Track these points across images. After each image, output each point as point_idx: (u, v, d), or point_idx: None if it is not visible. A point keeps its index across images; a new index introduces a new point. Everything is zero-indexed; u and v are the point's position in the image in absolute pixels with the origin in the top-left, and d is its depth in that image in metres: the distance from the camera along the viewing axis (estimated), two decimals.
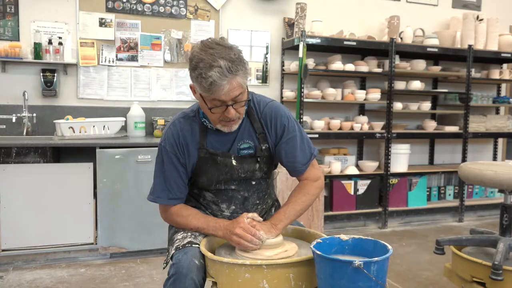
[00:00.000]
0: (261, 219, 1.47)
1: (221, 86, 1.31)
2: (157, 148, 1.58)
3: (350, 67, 3.81)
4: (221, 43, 1.36)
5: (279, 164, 1.69)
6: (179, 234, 1.54)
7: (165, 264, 1.53)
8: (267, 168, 1.61)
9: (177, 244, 1.48)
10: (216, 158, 1.52)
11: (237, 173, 1.54)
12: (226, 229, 1.44)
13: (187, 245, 1.45)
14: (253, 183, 1.60)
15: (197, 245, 1.46)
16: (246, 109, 1.53)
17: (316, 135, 3.69)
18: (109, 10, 3.50)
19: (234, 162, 1.53)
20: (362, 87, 4.25)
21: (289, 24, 3.92)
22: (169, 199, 1.53)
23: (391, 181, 4.05)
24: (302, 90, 3.60)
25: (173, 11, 3.67)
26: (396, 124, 4.12)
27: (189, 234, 1.53)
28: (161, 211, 1.60)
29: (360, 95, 3.90)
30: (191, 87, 1.44)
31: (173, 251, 1.46)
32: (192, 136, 1.52)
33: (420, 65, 4.10)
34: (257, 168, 1.56)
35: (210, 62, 1.30)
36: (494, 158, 4.92)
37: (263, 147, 1.55)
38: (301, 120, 3.62)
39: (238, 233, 1.39)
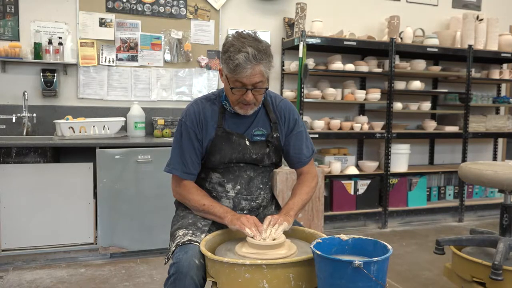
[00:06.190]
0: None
1: (245, 69, 1.45)
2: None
3: (350, 67, 3.81)
4: (254, 36, 1.52)
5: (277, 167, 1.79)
6: (180, 231, 1.57)
7: (166, 260, 1.56)
8: (274, 157, 1.70)
9: (177, 241, 1.50)
10: (231, 137, 1.63)
11: (249, 153, 1.64)
12: (234, 214, 1.55)
13: (186, 242, 1.47)
14: (260, 166, 1.69)
15: (196, 243, 1.47)
16: (263, 101, 1.68)
17: (316, 135, 3.69)
18: (109, 10, 3.50)
19: (247, 142, 1.64)
20: (362, 87, 4.25)
21: (289, 24, 3.92)
22: (183, 172, 1.63)
23: (391, 181, 4.05)
24: (302, 90, 3.60)
25: (173, 11, 3.67)
26: (396, 124, 4.12)
27: (190, 232, 1.54)
28: (174, 184, 1.68)
29: (360, 95, 3.90)
30: (219, 70, 1.60)
31: (173, 248, 1.49)
32: (211, 116, 1.64)
33: (420, 65, 4.10)
34: (267, 152, 1.66)
35: (239, 47, 1.46)
36: (494, 158, 4.92)
37: (274, 135, 1.68)
38: None
39: (242, 218, 1.51)
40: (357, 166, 4.16)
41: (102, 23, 3.49)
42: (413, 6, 4.42)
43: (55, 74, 3.35)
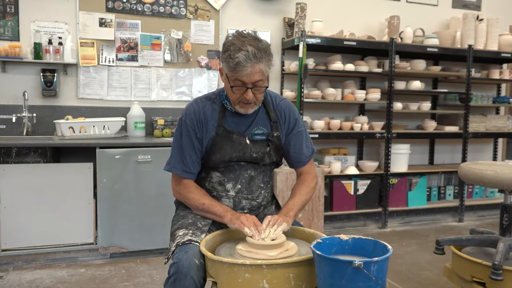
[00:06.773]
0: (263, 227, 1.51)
1: (245, 67, 1.46)
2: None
3: (350, 67, 3.81)
4: (254, 35, 1.53)
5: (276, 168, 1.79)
6: (180, 230, 1.57)
7: (166, 260, 1.56)
8: (275, 156, 1.70)
9: (177, 241, 1.51)
10: (232, 136, 1.63)
11: (250, 151, 1.64)
12: (234, 213, 1.56)
13: (186, 242, 1.47)
14: (261, 164, 1.69)
15: (196, 243, 1.47)
16: (263, 100, 1.67)
17: (316, 135, 3.69)
18: (109, 10, 3.50)
19: (248, 141, 1.65)
20: (362, 87, 4.25)
21: (289, 24, 3.91)
22: (183, 171, 1.64)
23: (391, 181, 4.05)
24: (302, 90, 3.60)
25: (173, 11, 3.67)
26: (396, 124, 4.12)
27: (190, 232, 1.54)
28: (174, 183, 1.68)
29: (360, 95, 3.90)
30: (220, 69, 1.60)
31: (173, 248, 1.49)
32: (212, 115, 1.64)
33: (420, 65, 4.10)
34: (267, 151, 1.66)
35: (239, 46, 1.47)
36: (494, 158, 4.92)
37: (275, 134, 1.68)
38: None
39: (242, 217, 1.51)
40: (357, 166, 4.15)
41: (102, 23, 3.49)
42: (413, 6, 4.42)
43: (55, 74, 3.35)
